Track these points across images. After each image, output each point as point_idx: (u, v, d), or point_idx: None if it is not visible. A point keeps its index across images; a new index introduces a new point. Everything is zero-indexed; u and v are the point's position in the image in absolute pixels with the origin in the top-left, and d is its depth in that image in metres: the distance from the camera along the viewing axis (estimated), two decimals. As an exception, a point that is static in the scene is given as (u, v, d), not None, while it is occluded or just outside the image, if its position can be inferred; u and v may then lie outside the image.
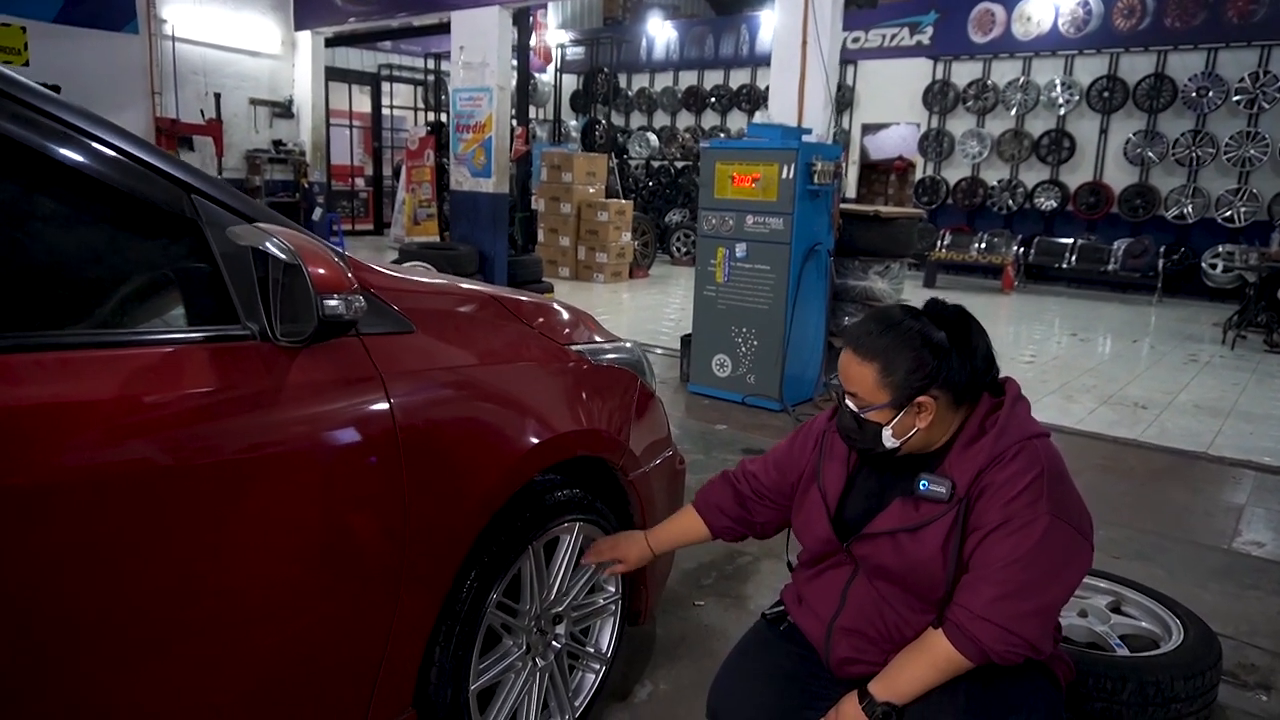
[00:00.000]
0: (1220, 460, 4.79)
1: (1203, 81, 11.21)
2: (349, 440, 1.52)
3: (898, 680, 1.55)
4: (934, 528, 1.54)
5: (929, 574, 1.55)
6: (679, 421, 5.17)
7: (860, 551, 1.64)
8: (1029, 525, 1.45)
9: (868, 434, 1.59)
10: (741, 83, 15.07)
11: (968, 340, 1.57)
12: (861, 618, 1.66)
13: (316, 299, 1.29)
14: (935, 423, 1.57)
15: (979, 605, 1.46)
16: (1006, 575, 1.45)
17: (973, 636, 1.46)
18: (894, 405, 1.55)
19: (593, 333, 2.37)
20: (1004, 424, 1.54)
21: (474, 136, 8.13)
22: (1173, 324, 9.75)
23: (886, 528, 1.59)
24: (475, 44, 8.02)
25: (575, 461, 2.12)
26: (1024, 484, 1.47)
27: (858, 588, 1.67)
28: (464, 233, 8.43)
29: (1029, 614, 1.45)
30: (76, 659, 1.21)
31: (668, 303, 9.77)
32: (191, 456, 1.32)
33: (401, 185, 13.25)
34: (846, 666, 1.69)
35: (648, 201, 14.51)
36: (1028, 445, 1.51)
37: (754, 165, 5.22)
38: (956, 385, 1.56)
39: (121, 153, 1.36)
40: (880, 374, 1.55)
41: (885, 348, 1.55)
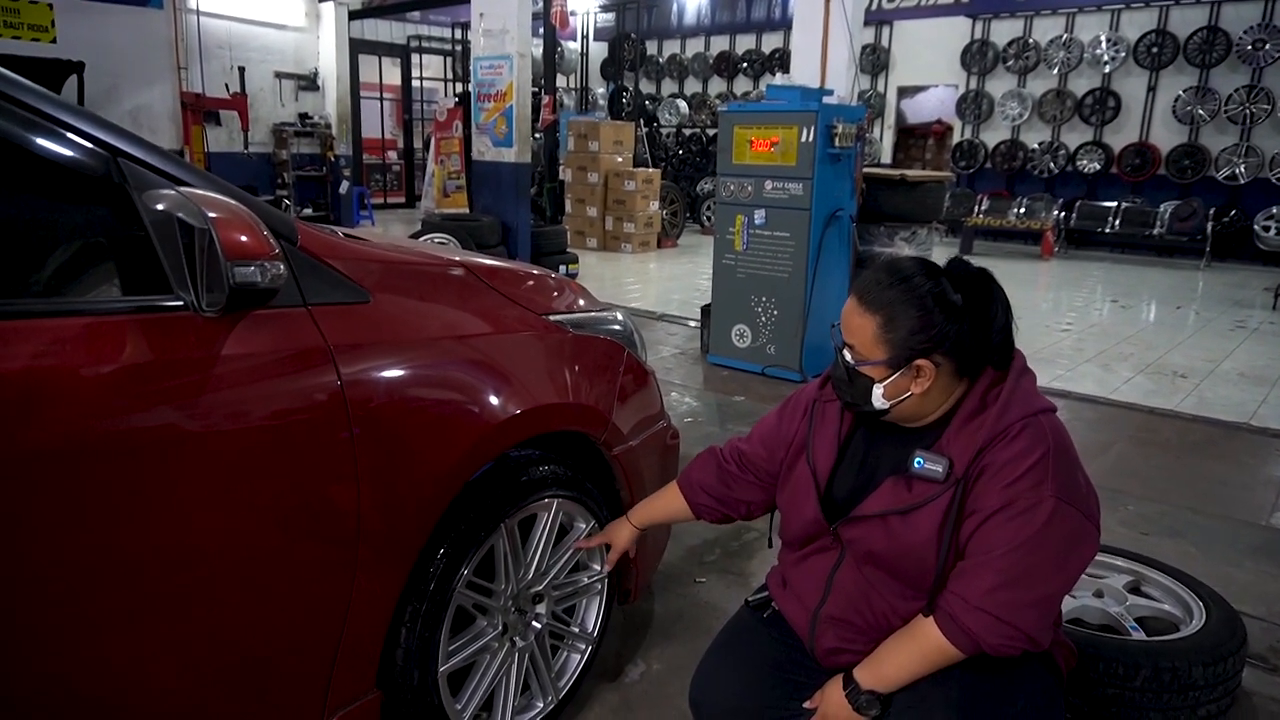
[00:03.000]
0: (1263, 431, 4.57)
1: (1259, 34, 10.68)
2: (289, 413, 1.46)
3: (884, 668, 1.46)
4: (928, 510, 1.43)
5: (920, 559, 1.44)
6: (697, 394, 5.08)
7: (848, 535, 1.54)
8: (1032, 510, 1.35)
9: (858, 389, 1.49)
10: (774, 46, 14.74)
11: (986, 308, 1.44)
12: (848, 606, 1.56)
13: (227, 266, 1.22)
14: (933, 390, 1.46)
15: (975, 595, 1.36)
16: (1006, 564, 1.35)
17: (966, 628, 1.37)
18: (890, 364, 1.44)
19: (577, 301, 2.28)
20: (1007, 398, 1.42)
21: (495, 105, 8.02)
22: (1221, 289, 9.37)
23: (877, 510, 1.48)
24: (495, 10, 7.88)
25: (555, 436, 2.04)
26: (1028, 465, 1.36)
27: (844, 574, 1.57)
28: (487, 203, 8.35)
29: (1027, 605, 1.35)
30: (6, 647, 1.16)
31: (696, 272, 9.62)
32: (117, 429, 1.27)
33: (431, 157, 13.18)
34: (833, 656, 1.60)
35: (678, 170, 14.31)
36: (1032, 422, 1.40)
37: (773, 129, 5.05)
38: (963, 355, 1.44)
39: (40, 114, 1.29)
40: (881, 328, 1.44)
41: (891, 301, 1.43)
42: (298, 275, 1.49)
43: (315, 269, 1.54)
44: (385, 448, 1.60)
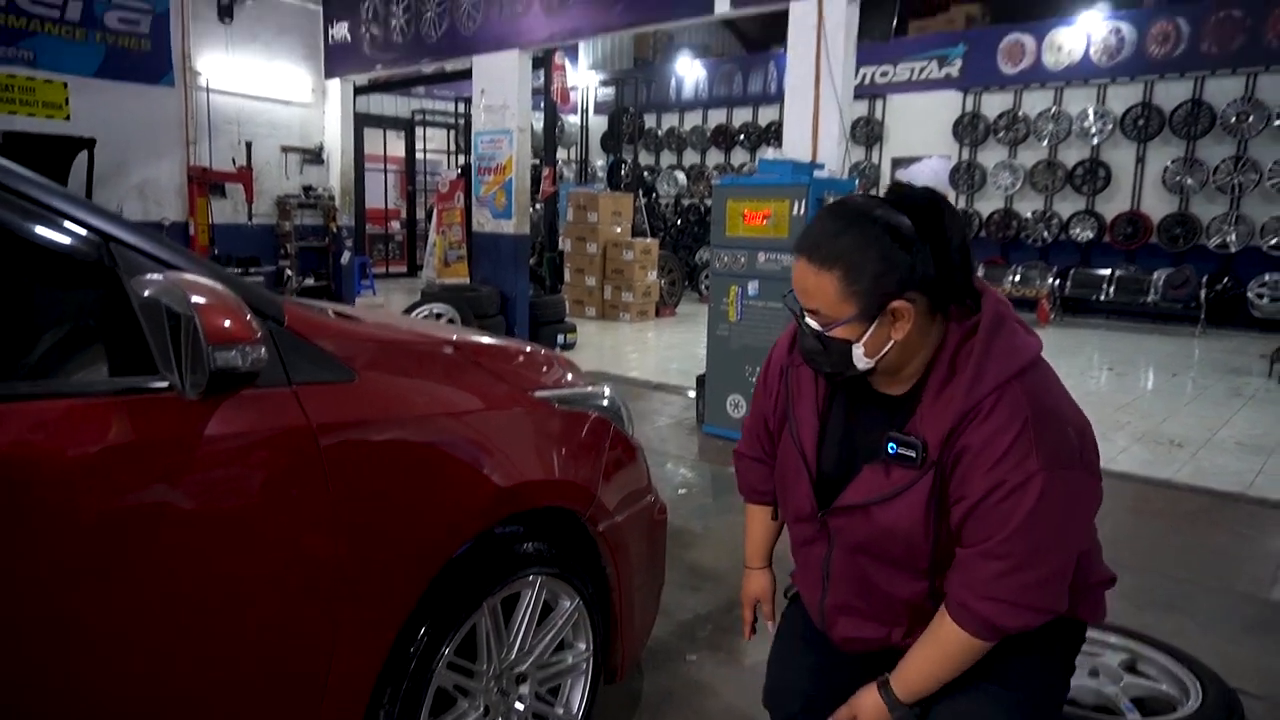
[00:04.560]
0: (1262, 502, 4.54)
1: (1242, 106, 10.93)
2: (269, 493, 1.47)
3: (911, 678, 1.40)
4: (908, 496, 1.35)
5: (910, 545, 1.37)
6: (691, 464, 5.07)
7: (835, 524, 1.47)
8: (1022, 488, 1.25)
9: (834, 355, 1.36)
10: (770, 119, 15.07)
11: (940, 229, 1.31)
12: (849, 593, 1.51)
13: (208, 350, 1.24)
14: (912, 335, 1.33)
15: (981, 584, 1.29)
16: (1007, 548, 1.26)
17: (981, 616, 1.30)
18: (864, 317, 1.31)
19: (565, 376, 2.30)
20: (978, 363, 1.29)
21: (495, 178, 8.19)
22: (1216, 356, 9.41)
23: (858, 500, 1.40)
24: (495, 87, 8.12)
25: (540, 513, 2.04)
26: (1008, 441, 1.26)
27: (838, 564, 1.51)
28: (486, 274, 8.47)
29: (1036, 585, 1.29)
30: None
31: (694, 341, 9.66)
32: (98, 507, 1.29)
33: (433, 228, 13.40)
34: (850, 645, 1.55)
35: (676, 240, 14.51)
36: (1005, 391, 1.28)
37: (765, 202, 5.15)
38: (932, 286, 1.32)
39: (35, 203, 1.34)
40: (844, 282, 1.30)
41: (846, 249, 1.30)
42: (283, 355, 1.52)
43: (301, 348, 1.57)
44: (365, 526, 1.60)
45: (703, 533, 3.95)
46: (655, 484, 2.47)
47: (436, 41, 8.72)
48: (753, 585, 1.81)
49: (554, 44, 8.18)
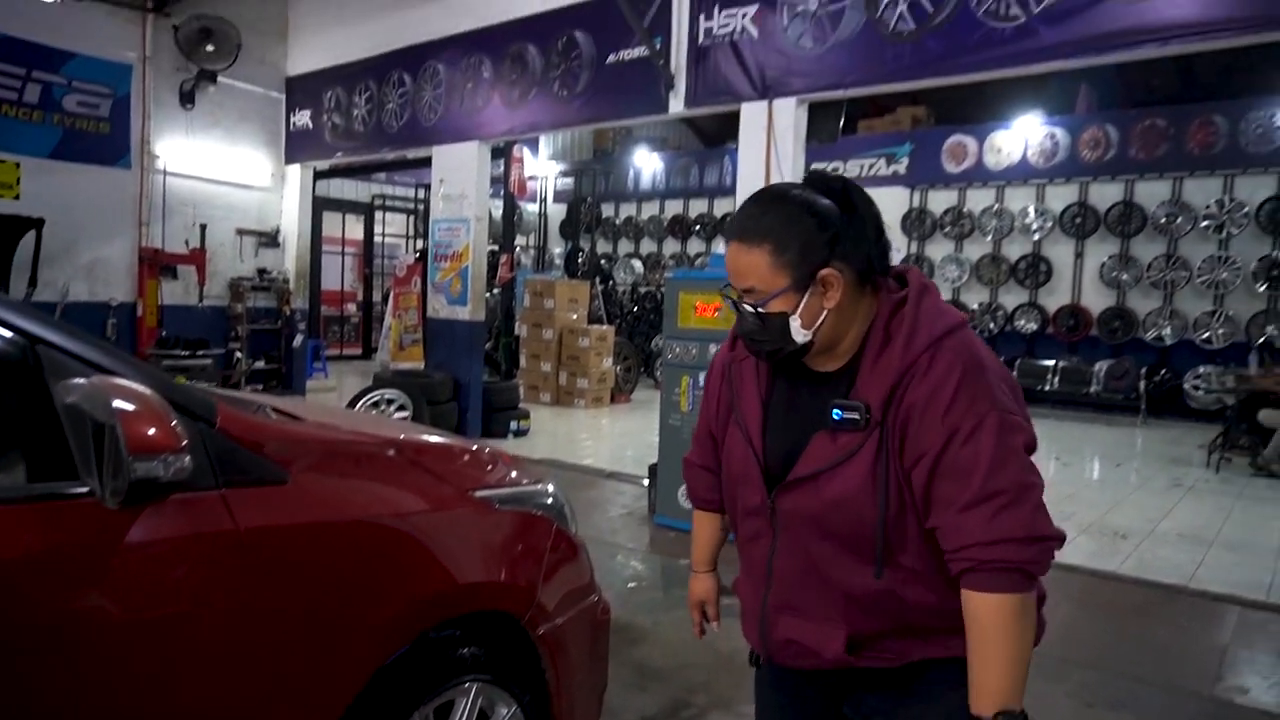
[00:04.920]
0: (1202, 594, 4.60)
1: (1171, 208, 11.49)
2: (191, 601, 1.43)
3: (987, 680, 1.30)
4: (856, 460, 1.36)
5: (858, 512, 1.36)
6: (642, 556, 5.01)
7: (785, 505, 1.45)
8: (978, 429, 1.29)
9: (773, 330, 1.40)
10: (725, 210, 15.46)
11: (853, 206, 1.40)
12: (792, 589, 1.48)
13: (128, 460, 1.22)
14: (844, 306, 1.39)
15: (980, 533, 1.27)
16: (989, 489, 1.28)
17: (1003, 563, 1.27)
18: (797, 287, 1.36)
19: (508, 474, 2.28)
20: (911, 325, 1.36)
21: (451, 265, 8.25)
22: (1158, 446, 9.65)
23: (808, 470, 1.40)
24: (454, 176, 8.25)
25: (478, 616, 2.00)
26: (951, 391, 1.30)
27: (782, 557, 1.48)
28: (440, 359, 8.44)
29: (1033, 512, 1.29)
30: None
31: (648, 429, 9.64)
32: (5, 616, 1.23)
33: (389, 311, 13.39)
34: (788, 651, 1.50)
35: (633, 326, 14.65)
36: (939, 348, 1.34)
37: (716, 295, 5.23)
38: (856, 258, 1.39)
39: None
40: (774, 254, 1.36)
41: (772, 225, 1.37)
42: (213, 458, 1.49)
43: (232, 451, 1.54)
44: (290, 634, 1.55)
45: (652, 628, 3.88)
46: (604, 577, 2.44)
47: (398, 131, 8.88)
48: (698, 588, 1.83)
49: (513, 137, 8.37)
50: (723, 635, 3.81)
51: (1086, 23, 4.78)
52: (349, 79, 9.38)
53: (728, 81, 6.25)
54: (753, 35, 6.11)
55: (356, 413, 2.73)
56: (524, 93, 7.64)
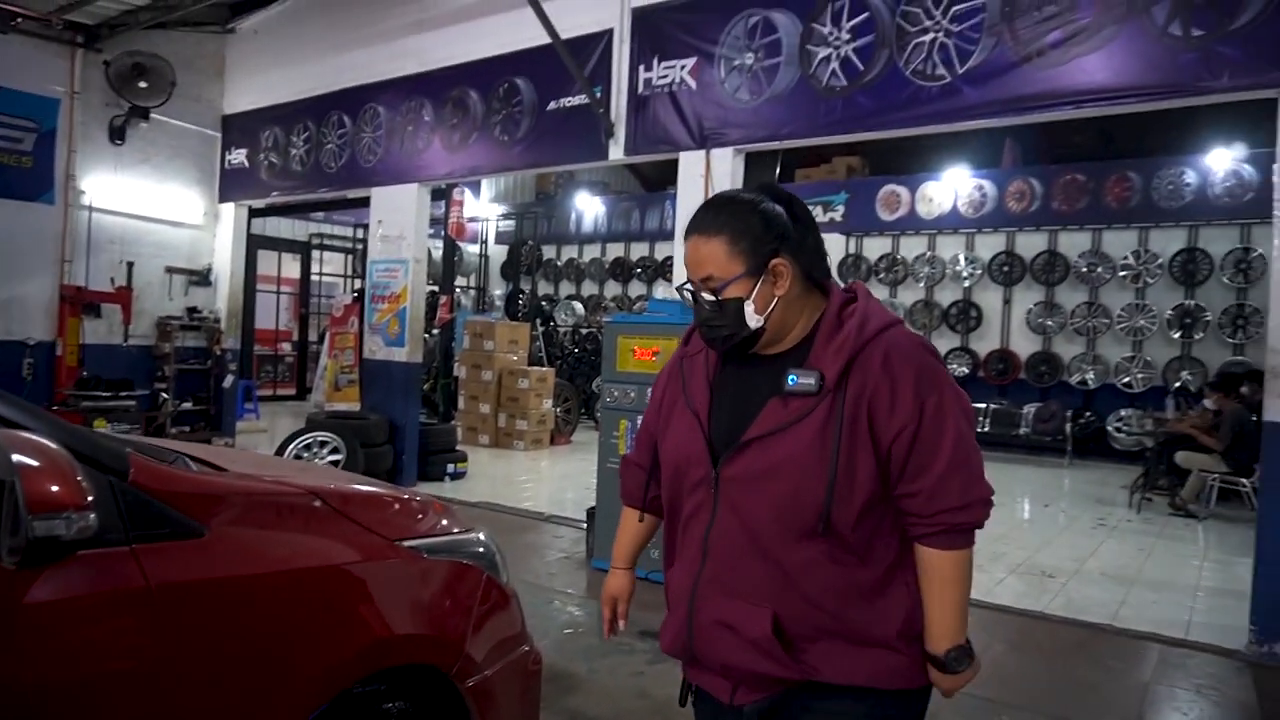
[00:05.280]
0: (1124, 633, 4.72)
1: (1091, 258, 11.99)
2: (97, 662, 1.37)
3: (942, 623, 1.49)
4: (807, 422, 1.44)
5: (805, 473, 1.43)
6: (579, 602, 4.95)
7: (729, 472, 1.50)
8: (942, 402, 1.45)
9: (729, 315, 1.51)
10: (666, 254, 15.64)
11: (800, 215, 1.56)
12: (727, 564, 1.51)
13: (27, 520, 1.17)
14: (792, 296, 1.52)
15: (956, 495, 1.44)
16: (958, 456, 1.44)
17: (971, 523, 1.47)
18: (751, 273, 1.49)
19: (439, 523, 2.25)
20: (863, 315, 1.50)
21: (389, 306, 8.16)
22: (1083, 487, 9.93)
23: (760, 432, 1.48)
24: (393, 218, 8.20)
25: (404, 669, 1.95)
26: (915, 369, 1.45)
27: (721, 530, 1.51)
28: (376, 401, 8.30)
29: (982, 473, 1.49)
30: None
31: (588, 471, 9.57)
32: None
33: (324, 351, 13.17)
34: (714, 636, 1.50)
35: (574, 368, 14.63)
36: (893, 334, 1.48)
37: (654, 339, 5.28)
38: (802, 256, 1.53)
39: None
40: (730, 243, 1.50)
41: (727, 220, 1.52)
42: (124, 512, 1.45)
43: (145, 505, 1.49)
44: (204, 695, 1.49)
45: (587, 675, 3.83)
46: (540, 623, 2.41)
47: (336, 172, 8.81)
48: (613, 584, 1.87)
49: (453, 180, 8.38)
50: (658, 681, 3.80)
51: (1006, 85, 5.01)
52: (287, 118, 9.29)
53: (666, 130, 6.37)
54: (691, 87, 6.25)
55: (283, 460, 2.66)
56: (465, 136, 7.66)
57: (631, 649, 4.17)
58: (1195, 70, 4.51)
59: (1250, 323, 10.87)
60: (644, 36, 6.50)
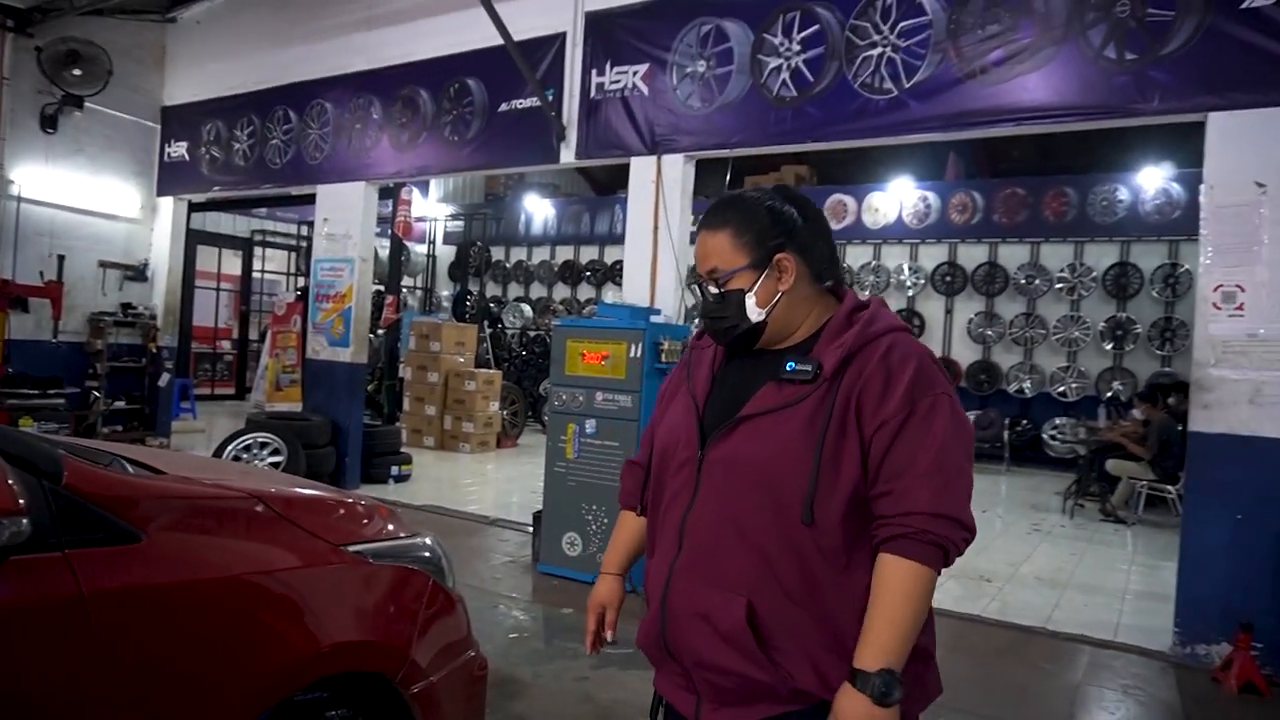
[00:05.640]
0: (1056, 635, 4.86)
1: (1029, 270, 12.32)
2: (30, 670, 1.32)
3: (878, 637, 1.34)
4: (799, 408, 1.42)
5: (791, 457, 1.40)
6: (525, 606, 4.92)
7: (715, 454, 1.47)
8: (933, 409, 1.39)
9: (731, 307, 1.51)
10: (616, 258, 15.64)
11: (813, 217, 1.56)
12: (704, 549, 1.46)
13: (-46, 524, 1.13)
14: (798, 292, 1.52)
15: (926, 504, 1.35)
16: (938, 464, 1.36)
17: (936, 537, 1.34)
18: (754, 265, 1.50)
19: (385, 528, 2.22)
20: (872, 316, 1.49)
21: (334, 306, 8.02)
22: (1020, 493, 10.20)
23: (752, 411, 1.46)
24: (339, 216, 8.07)
25: (348, 676, 1.92)
26: (913, 369, 1.41)
27: (698, 512, 1.48)
28: (319, 402, 8.15)
29: (965, 500, 1.39)
30: None
31: (535, 474, 9.52)
32: None
33: (265, 350, 12.89)
34: (686, 623, 1.45)
35: (521, 370, 14.55)
36: (897, 336, 1.46)
37: (603, 343, 5.29)
38: (811, 253, 1.53)
39: None
40: (734, 235, 1.51)
41: (734, 215, 1.53)
42: (56, 518, 1.40)
43: (80, 510, 1.45)
44: (138, 705, 1.45)
45: (533, 680, 3.81)
46: (485, 628, 2.40)
47: (281, 168, 8.63)
48: (602, 589, 1.76)
49: (401, 179, 8.27)
50: (604, 686, 3.80)
51: (951, 100, 5.14)
52: (230, 112, 9.09)
53: (618, 135, 6.39)
54: (643, 92, 6.28)
55: (224, 463, 2.61)
56: (414, 136, 7.58)
57: (577, 653, 4.17)
58: (1128, 92, 4.68)
59: (1177, 335, 11.28)
60: (597, 41, 6.51)
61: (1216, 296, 4.46)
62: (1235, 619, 4.22)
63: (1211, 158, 4.53)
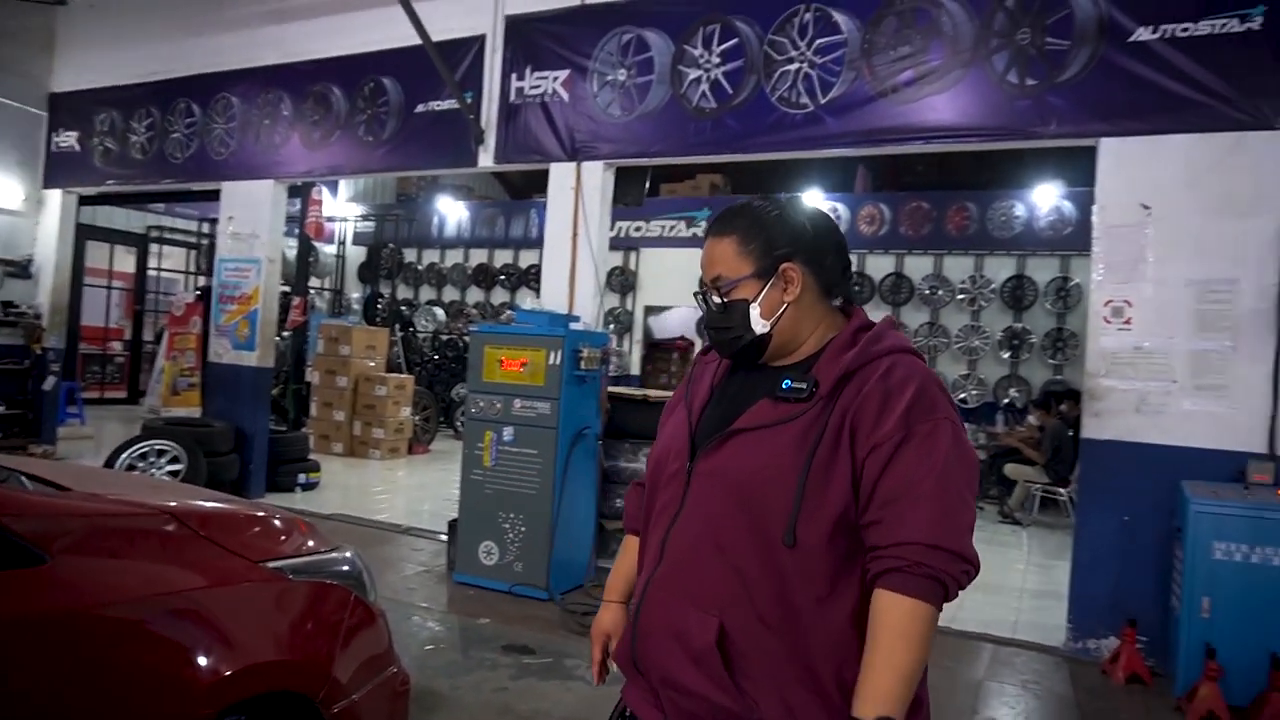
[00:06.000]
0: (962, 634, 5.06)
1: (933, 281, 12.79)
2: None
3: (876, 681, 1.25)
4: (790, 426, 1.37)
5: (778, 477, 1.34)
6: (440, 616, 4.84)
7: (703, 467, 1.43)
8: (934, 434, 1.31)
9: (735, 318, 1.47)
10: (531, 262, 15.55)
11: (826, 228, 1.52)
12: (683, 565, 1.42)
13: None
14: (804, 305, 1.47)
15: (922, 534, 1.26)
16: (935, 491, 1.28)
17: (931, 570, 1.25)
18: (759, 274, 1.46)
19: (305, 543, 2.16)
20: (877, 335, 1.44)
21: (239, 308, 7.73)
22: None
23: (744, 425, 1.41)
24: (245, 215, 7.78)
25: (268, 696, 1.86)
26: (913, 391, 1.34)
27: (681, 526, 1.44)
28: (221, 407, 7.83)
29: (965, 531, 1.30)
30: None
31: (447, 481, 9.40)
32: None
33: (162, 352, 12.31)
34: (657, 639, 1.41)
35: (433, 375, 14.30)
36: (900, 357, 1.40)
37: (522, 350, 5.25)
38: (820, 267, 1.48)
39: None
40: (740, 243, 1.47)
41: (743, 221, 1.49)
42: (-46, 539, 1.32)
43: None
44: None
45: (450, 693, 3.75)
46: (399, 640, 2.35)
47: (183, 163, 8.27)
48: (606, 619, 1.70)
49: (313, 178, 8.04)
50: (523, 697, 3.77)
51: (864, 117, 5.30)
52: (127, 102, 8.66)
53: (538, 140, 6.36)
54: (564, 99, 6.27)
55: (132, 477, 2.48)
56: (326, 134, 7.37)
57: (495, 664, 4.12)
58: (1029, 116, 4.92)
59: (1068, 345, 11.88)
60: (517, 45, 6.47)
61: (1107, 311, 4.73)
62: (1122, 615, 4.49)
63: (1103, 180, 4.80)
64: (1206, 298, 4.53)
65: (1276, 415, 4.34)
